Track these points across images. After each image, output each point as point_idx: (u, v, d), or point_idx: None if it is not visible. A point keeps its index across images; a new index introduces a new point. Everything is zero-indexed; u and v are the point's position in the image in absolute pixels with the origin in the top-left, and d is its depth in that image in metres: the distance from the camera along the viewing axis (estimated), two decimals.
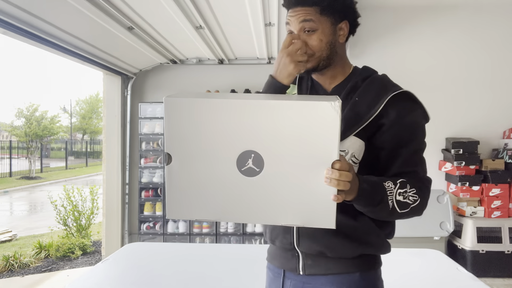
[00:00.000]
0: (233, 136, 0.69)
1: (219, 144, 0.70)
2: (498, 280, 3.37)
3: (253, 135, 0.68)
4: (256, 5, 2.56)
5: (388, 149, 0.93)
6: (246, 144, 0.69)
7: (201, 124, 0.69)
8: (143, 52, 3.57)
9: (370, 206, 0.85)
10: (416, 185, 0.90)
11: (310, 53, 0.95)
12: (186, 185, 0.73)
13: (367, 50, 3.94)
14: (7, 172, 14.70)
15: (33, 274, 4.08)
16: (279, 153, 0.68)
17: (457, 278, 1.92)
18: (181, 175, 0.73)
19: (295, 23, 0.95)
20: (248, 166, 0.70)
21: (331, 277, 0.94)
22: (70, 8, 2.34)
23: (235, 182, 0.71)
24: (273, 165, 0.69)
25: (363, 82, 0.97)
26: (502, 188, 3.55)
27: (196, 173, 0.72)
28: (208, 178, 0.72)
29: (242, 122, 0.68)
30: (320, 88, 1.04)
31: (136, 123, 4.25)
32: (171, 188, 0.74)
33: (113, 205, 4.22)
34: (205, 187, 0.73)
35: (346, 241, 0.92)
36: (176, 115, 0.70)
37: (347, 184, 0.71)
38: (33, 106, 18.31)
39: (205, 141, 0.70)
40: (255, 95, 0.78)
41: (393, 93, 0.91)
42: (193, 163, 0.72)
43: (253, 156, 0.69)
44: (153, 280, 1.90)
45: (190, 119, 0.69)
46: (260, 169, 0.69)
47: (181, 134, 0.71)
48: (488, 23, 3.87)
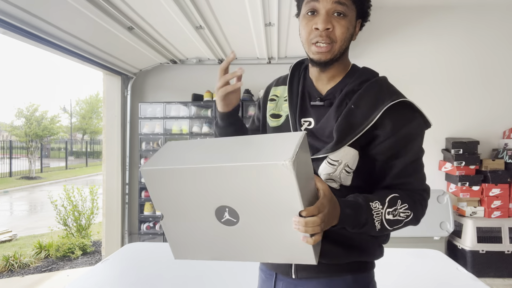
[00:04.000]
0: (205, 195, 0.74)
1: (196, 202, 0.75)
2: (498, 280, 3.37)
3: (221, 194, 0.73)
4: (256, 5, 2.56)
5: (382, 161, 0.90)
6: (218, 200, 0.73)
7: (176, 187, 0.75)
8: (143, 52, 3.57)
9: (355, 229, 0.84)
10: (409, 200, 0.88)
11: (333, 39, 0.88)
12: (180, 235, 0.82)
13: (367, 50, 3.94)
14: (7, 172, 14.70)
15: (33, 274, 4.08)
16: (249, 206, 0.72)
17: (457, 278, 1.92)
18: (174, 228, 0.81)
19: (326, 1, 0.87)
20: (226, 218, 0.75)
21: (323, 280, 0.93)
22: (70, 8, 2.34)
23: (219, 231, 0.77)
24: (246, 216, 0.73)
25: (359, 86, 0.92)
26: (502, 188, 3.56)
27: (185, 226, 0.80)
28: (195, 229, 0.79)
29: (208, 184, 0.72)
30: (313, 90, 0.98)
31: (136, 123, 4.25)
32: (170, 238, 0.83)
33: (113, 205, 4.22)
34: (195, 236, 0.80)
35: (339, 249, 0.90)
36: (153, 182, 0.77)
37: (317, 228, 0.70)
38: (33, 106, 18.31)
39: (184, 200, 0.76)
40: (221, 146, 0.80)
41: (390, 103, 0.86)
42: (180, 218, 0.79)
43: (228, 210, 0.74)
44: (153, 280, 1.90)
45: (166, 184, 0.76)
46: (237, 220, 0.74)
47: (163, 196, 0.78)
48: (488, 23, 3.87)
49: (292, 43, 3.60)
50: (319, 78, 0.98)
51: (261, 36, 3.28)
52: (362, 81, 0.93)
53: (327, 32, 0.88)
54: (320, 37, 0.88)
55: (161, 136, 4.11)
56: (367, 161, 0.90)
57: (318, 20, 0.88)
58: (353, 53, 3.76)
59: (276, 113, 1.03)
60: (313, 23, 0.89)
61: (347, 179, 0.90)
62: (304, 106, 0.98)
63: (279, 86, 1.07)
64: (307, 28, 0.90)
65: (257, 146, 0.75)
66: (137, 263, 2.17)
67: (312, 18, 0.89)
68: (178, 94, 4.32)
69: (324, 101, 0.95)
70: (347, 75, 0.96)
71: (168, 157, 0.78)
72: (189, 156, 0.76)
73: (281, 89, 1.06)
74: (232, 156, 0.72)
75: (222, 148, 0.78)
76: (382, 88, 0.91)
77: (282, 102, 1.03)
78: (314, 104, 0.96)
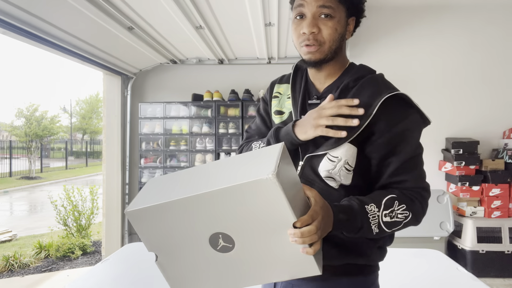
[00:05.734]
0: (196, 225, 0.72)
1: (188, 235, 0.74)
2: (498, 280, 3.37)
3: (212, 221, 0.71)
4: (256, 5, 2.56)
5: (378, 159, 0.89)
6: (210, 229, 0.72)
7: (165, 223, 0.74)
8: (143, 52, 3.57)
9: (351, 233, 0.83)
10: (407, 200, 0.87)
11: (321, 41, 0.90)
12: (178, 271, 0.80)
13: (367, 50, 3.94)
14: (7, 172, 14.70)
15: (33, 274, 4.08)
16: (241, 229, 0.71)
17: (457, 278, 1.92)
18: (170, 266, 0.80)
19: (311, 5, 0.89)
20: (221, 245, 0.74)
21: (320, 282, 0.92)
22: (70, 8, 2.34)
23: (216, 260, 0.75)
24: (241, 239, 0.72)
25: (355, 83, 0.92)
26: (502, 188, 3.55)
27: (181, 261, 0.78)
28: (192, 263, 0.78)
29: (197, 213, 0.71)
30: (313, 88, 1.00)
31: (136, 123, 4.25)
32: (168, 277, 0.82)
33: (113, 205, 4.22)
34: (193, 270, 0.79)
35: (333, 250, 0.89)
36: (141, 223, 0.75)
37: (314, 236, 0.69)
38: (33, 106, 18.32)
39: (175, 235, 0.75)
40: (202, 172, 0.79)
41: (386, 95, 0.86)
42: (175, 254, 0.78)
43: (221, 236, 0.72)
44: (153, 280, 1.89)
45: (154, 222, 0.74)
46: (233, 245, 0.73)
47: (153, 236, 0.76)
48: (488, 23, 3.87)
49: (292, 43, 3.58)
50: (316, 77, 1.00)
51: (261, 36, 3.28)
52: (357, 78, 0.94)
53: (314, 35, 0.90)
54: (307, 40, 0.91)
55: (161, 136, 4.11)
56: (364, 159, 0.90)
57: (305, 24, 0.90)
58: (353, 53, 3.76)
59: (279, 110, 1.06)
60: (301, 28, 0.91)
61: (347, 178, 0.90)
62: (304, 104, 1.00)
63: (283, 84, 1.09)
64: (296, 32, 0.94)
65: (238, 166, 0.74)
66: (137, 263, 2.17)
67: (300, 22, 0.92)
68: (178, 94, 4.32)
69: (321, 99, 0.97)
70: (344, 73, 0.97)
71: (151, 195, 0.77)
72: (172, 190, 0.75)
73: (284, 87, 1.08)
74: (215, 181, 0.70)
75: (204, 175, 0.77)
76: (378, 84, 0.91)
77: (285, 100, 1.05)
78: (312, 102, 0.98)
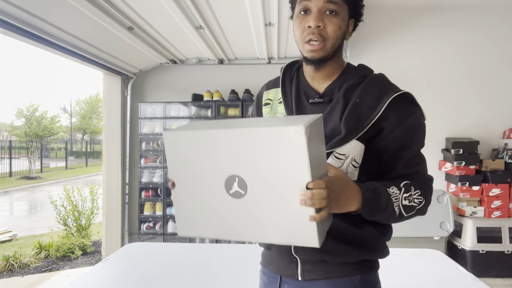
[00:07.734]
0: (218, 162, 0.75)
1: (208, 170, 0.76)
2: (498, 280, 3.37)
3: (232, 161, 0.73)
4: (256, 5, 2.56)
5: (390, 152, 0.91)
6: (229, 169, 0.74)
7: (193, 152, 0.76)
8: (143, 52, 3.57)
9: (376, 214, 0.84)
10: (420, 186, 0.89)
11: (325, 36, 0.90)
12: (188, 206, 0.82)
13: (367, 50, 3.94)
14: (7, 172, 14.70)
15: (33, 274, 4.08)
16: (257, 177, 0.72)
17: (457, 278, 1.92)
18: (183, 198, 0.82)
19: (318, 0, 0.90)
20: (234, 190, 0.75)
21: (331, 280, 0.93)
22: (70, 8, 2.34)
23: (227, 204, 0.77)
24: (255, 187, 0.73)
25: (360, 80, 0.94)
26: (502, 188, 3.55)
27: (195, 197, 0.80)
28: (205, 200, 0.79)
29: (222, 149, 0.73)
30: (310, 89, 0.99)
31: (136, 123, 4.25)
32: (178, 210, 0.83)
33: (113, 205, 4.22)
34: (203, 208, 0.80)
35: (348, 248, 0.90)
36: (173, 146, 0.79)
37: (323, 201, 0.69)
38: (33, 106, 18.30)
39: (198, 168, 0.77)
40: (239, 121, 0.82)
41: (394, 94, 0.89)
42: (192, 188, 0.80)
43: (237, 180, 0.74)
44: (153, 280, 1.90)
45: (184, 148, 0.77)
46: (245, 192, 0.74)
47: (179, 162, 0.79)
48: (488, 23, 3.87)
49: (292, 43, 3.60)
50: (314, 77, 0.99)
51: (261, 36, 3.28)
52: (362, 76, 0.95)
53: (319, 30, 0.90)
54: (312, 34, 0.90)
55: (161, 136, 4.11)
56: (373, 154, 0.91)
57: (310, 18, 0.90)
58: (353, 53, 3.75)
59: (273, 116, 1.04)
60: (306, 22, 0.91)
61: (353, 174, 0.91)
62: (301, 105, 0.99)
63: (270, 89, 1.08)
64: (300, 27, 0.93)
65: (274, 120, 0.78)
66: (137, 263, 2.17)
67: (304, 17, 0.92)
68: (178, 94, 4.32)
69: (324, 98, 0.96)
70: (343, 73, 0.98)
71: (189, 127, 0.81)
72: (209, 126, 0.78)
73: (273, 92, 1.07)
74: (248, 126, 0.74)
75: (240, 122, 0.80)
76: (384, 83, 0.94)
77: (277, 105, 1.04)
78: (314, 101, 0.97)
